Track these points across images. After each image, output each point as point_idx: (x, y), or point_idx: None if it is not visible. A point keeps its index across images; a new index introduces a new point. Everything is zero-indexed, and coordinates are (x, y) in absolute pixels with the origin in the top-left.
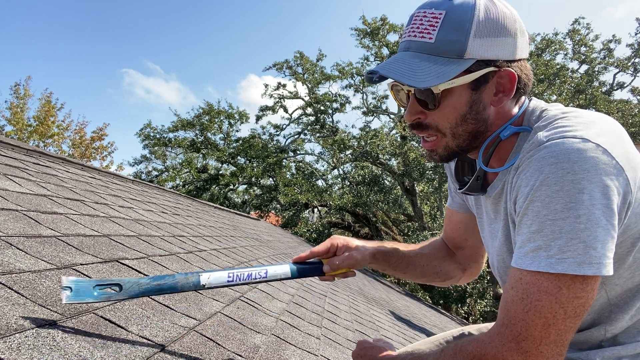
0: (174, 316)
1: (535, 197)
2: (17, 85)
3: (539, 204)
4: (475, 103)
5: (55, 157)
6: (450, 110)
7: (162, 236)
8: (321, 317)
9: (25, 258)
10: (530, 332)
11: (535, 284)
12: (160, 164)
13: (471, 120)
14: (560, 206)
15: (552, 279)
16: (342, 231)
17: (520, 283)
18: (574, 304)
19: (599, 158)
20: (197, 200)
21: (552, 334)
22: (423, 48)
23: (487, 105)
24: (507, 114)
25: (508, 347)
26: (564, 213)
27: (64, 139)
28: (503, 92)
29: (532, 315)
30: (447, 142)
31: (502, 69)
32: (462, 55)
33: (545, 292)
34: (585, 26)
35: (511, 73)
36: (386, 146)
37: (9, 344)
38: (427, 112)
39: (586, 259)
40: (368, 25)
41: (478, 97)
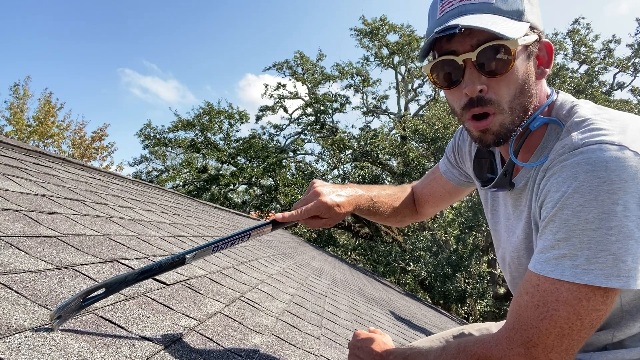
0: (174, 316)
1: (566, 205)
2: (17, 86)
3: (570, 212)
4: (530, 73)
5: (55, 157)
6: (515, 77)
7: (162, 236)
8: (321, 317)
9: (25, 258)
10: (542, 339)
11: (554, 292)
12: (160, 164)
13: (527, 92)
14: (593, 216)
15: (573, 290)
16: (342, 231)
17: (537, 289)
18: (591, 317)
19: (638, 167)
20: (197, 201)
21: (565, 343)
22: (484, 8)
23: (533, 78)
24: (543, 96)
25: (516, 352)
26: (595, 224)
27: (64, 139)
28: (544, 64)
29: (546, 324)
30: (504, 119)
31: (542, 39)
32: (521, 16)
33: (564, 303)
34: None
35: (549, 44)
36: (386, 146)
37: (9, 344)
38: (489, 82)
39: (614, 272)
40: (368, 25)
41: (529, 67)
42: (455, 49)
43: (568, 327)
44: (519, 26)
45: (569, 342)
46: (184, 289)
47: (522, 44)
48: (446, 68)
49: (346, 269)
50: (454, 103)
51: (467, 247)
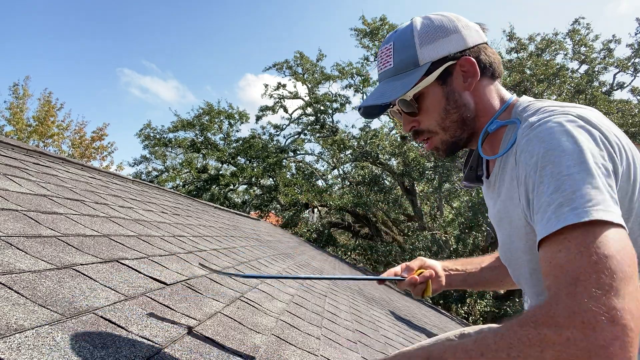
0: (174, 316)
1: (546, 163)
2: (16, 86)
3: (551, 166)
4: (450, 94)
5: (55, 157)
6: (431, 109)
7: (162, 236)
8: (321, 317)
9: (25, 258)
10: (599, 284)
11: (587, 234)
12: (160, 164)
13: (453, 110)
14: (572, 161)
15: (585, 229)
16: (342, 231)
17: (568, 242)
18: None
19: (590, 124)
20: (197, 200)
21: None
22: (388, 73)
23: (461, 92)
24: (487, 96)
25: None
26: (576, 167)
27: (64, 139)
28: (470, 76)
29: (601, 262)
30: (441, 137)
31: (459, 59)
32: (417, 64)
33: (582, 244)
34: (585, 26)
35: (468, 59)
36: (386, 146)
37: (9, 344)
38: (417, 119)
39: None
40: (368, 25)
41: (450, 88)
42: (393, 102)
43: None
44: (412, 77)
45: (620, 279)
46: (184, 289)
47: (422, 87)
48: (395, 115)
49: (346, 269)
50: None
51: (467, 247)
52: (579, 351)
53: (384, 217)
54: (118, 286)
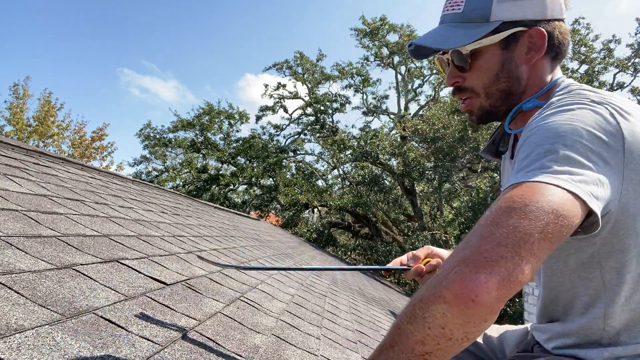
0: (174, 316)
1: (532, 133)
2: (16, 86)
3: (534, 136)
4: (507, 61)
5: (55, 157)
6: (483, 70)
7: (162, 236)
8: (321, 317)
9: (25, 258)
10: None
11: (513, 188)
12: (160, 164)
13: (504, 78)
14: (551, 133)
15: (528, 187)
16: (342, 231)
17: (497, 198)
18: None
19: (600, 111)
20: (197, 201)
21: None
22: (454, 19)
23: (519, 63)
24: (541, 76)
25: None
26: (552, 139)
27: (64, 139)
28: (534, 50)
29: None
30: (481, 102)
31: (531, 28)
32: (487, 18)
33: (514, 187)
34: (585, 26)
35: (540, 31)
36: (386, 146)
37: (9, 344)
38: (464, 75)
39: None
40: (368, 25)
41: (509, 55)
42: (445, 50)
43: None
44: (477, 31)
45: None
46: (184, 289)
47: (483, 44)
48: (442, 62)
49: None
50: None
51: None
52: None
53: (384, 217)
54: (118, 286)
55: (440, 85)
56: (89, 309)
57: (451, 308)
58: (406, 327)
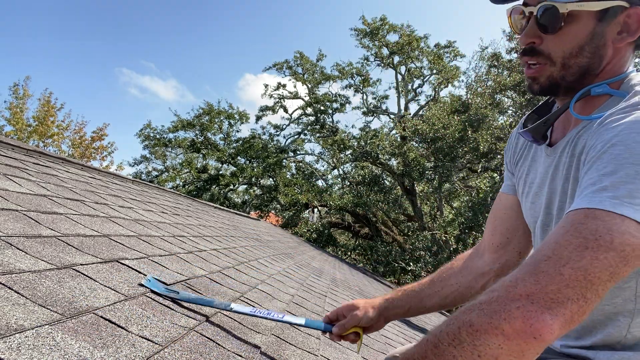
0: (174, 316)
1: (619, 141)
2: (16, 86)
3: (622, 147)
4: (597, 36)
5: (55, 157)
6: (570, 37)
7: (162, 236)
8: (321, 317)
9: (25, 258)
10: (557, 251)
11: (585, 214)
12: (160, 164)
13: (588, 53)
14: None
15: (609, 218)
16: (342, 231)
17: (566, 218)
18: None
19: None
20: (197, 201)
21: (586, 258)
22: None
23: (607, 42)
24: (621, 63)
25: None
26: None
27: (64, 139)
28: (628, 31)
29: (568, 236)
30: (553, 72)
31: (633, 6)
32: None
33: (594, 218)
34: None
35: (639, 13)
36: (386, 146)
37: (9, 344)
38: (545, 37)
39: None
40: (368, 25)
41: (602, 30)
42: (529, 2)
43: (594, 239)
44: None
45: (590, 258)
46: (184, 289)
47: (585, 8)
48: (517, 16)
49: (346, 269)
50: (520, 46)
51: (467, 247)
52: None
53: (384, 217)
54: (118, 286)
55: (440, 85)
56: (89, 309)
57: (509, 342)
58: (448, 349)
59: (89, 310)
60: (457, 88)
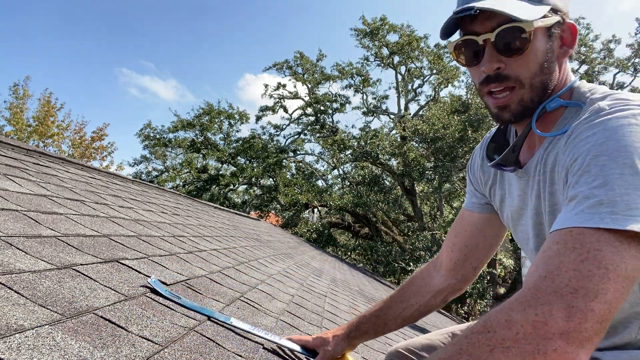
0: (174, 316)
1: (601, 152)
2: (16, 86)
3: (606, 157)
4: (549, 52)
5: (55, 157)
6: (533, 56)
7: (162, 236)
8: (321, 317)
9: (25, 258)
10: (582, 283)
11: (592, 235)
12: (160, 164)
13: (546, 70)
14: (631, 161)
15: (614, 237)
16: (342, 231)
17: (570, 237)
18: (634, 268)
19: None
20: (197, 201)
21: (610, 291)
22: None
23: (555, 57)
24: (566, 75)
25: (546, 301)
26: (634, 168)
27: (64, 139)
28: (567, 45)
29: (588, 264)
30: (523, 95)
31: (566, 20)
32: (542, 0)
33: (607, 244)
34: (585, 26)
35: (572, 26)
36: (386, 146)
37: (9, 344)
38: (507, 60)
39: None
40: (368, 25)
41: (551, 46)
42: (477, 30)
43: (613, 269)
44: (537, 9)
45: (613, 290)
46: (184, 289)
47: (541, 25)
48: (468, 47)
49: (346, 269)
50: (474, 79)
51: None
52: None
53: (384, 217)
54: (118, 286)
55: (440, 85)
56: (89, 309)
57: None
58: None
59: (89, 310)
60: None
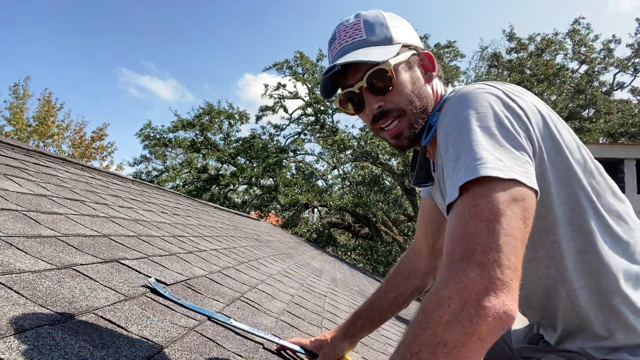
0: (174, 316)
1: (451, 130)
2: (16, 86)
3: (455, 134)
4: (416, 80)
5: (55, 157)
6: (402, 87)
7: (162, 236)
8: (321, 317)
9: (25, 258)
10: (477, 241)
11: (465, 199)
12: (160, 164)
13: (419, 95)
14: (468, 127)
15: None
16: (342, 231)
17: (453, 211)
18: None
19: (498, 93)
20: (197, 201)
21: (501, 233)
22: (360, 44)
23: (423, 82)
24: (440, 93)
25: (459, 269)
26: (472, 130)
27: (64, 139)
28: (430, 69)
29: (474, 223)
30: (410, 120)
31: (420, 51)
32: (391, 41)
33: (477, 196)
34: (585, 26)
35: (427, 53)
36: (386, 146)
37: (9, 344)
38: (384, 98)
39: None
40: None
41: (415, 74)
42: (351, 82)
43: (494, 216)
44: (390, 49)
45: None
46: (184, 289)
47: (398, 61)
48: (350, 99)
49: (346, 269)
50: (367, 123)
51: None
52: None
53: (384, 217)
54: (118, 286)
55: None
56: (89, 309)
57: (490, 330)
58: None
59: (89, 310)
60: None
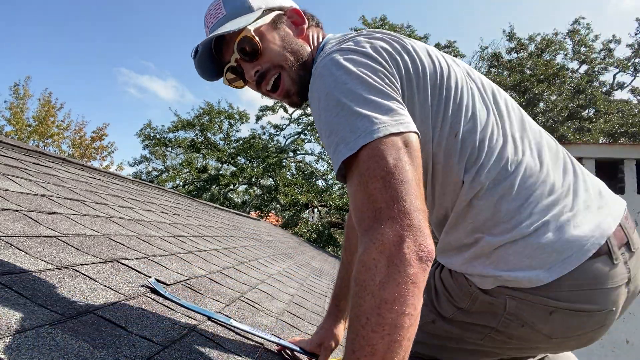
0: (174, 316)
1: (321, 109)
2: (17, 86)
3: (322, 112)
4: (285, 36)
5: (55, 157)
6: (273, 46)
7: (162, 236)
8: (321, 317)
9: (25, 258)
10: (378, 200)
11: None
12: (160, 164)
13: (292, 49)
14: (334, 103)
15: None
16: (342, 231)
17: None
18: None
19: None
20: (197, 201)
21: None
22: (221, 22)
23: (294, 38)
24: (318, 39)
25: (372, 230)
26: (337, 107)
27: (64, 139)
28: (299, 24)
29: (371, 185)
30: (290, 74)
31: (286, 9)
32: (252, 8)
33: (367, 159)
34: (585, 26)
35: (294, 9)
36: None
37: (9, 344)
38: (258, 62)
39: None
40: (368, 25)
41: (283, 32)
42: (227, 59)
43: (386, 172)
44: (250, 16)
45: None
46: (184, 289)
47: (261, 24)
48: (233, 73)
49: None
50: (256, 90)
51: None
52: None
53: None
54: (118, 286)
55: None
56: (89, 309)
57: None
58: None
59: (89, 310)
60: None
